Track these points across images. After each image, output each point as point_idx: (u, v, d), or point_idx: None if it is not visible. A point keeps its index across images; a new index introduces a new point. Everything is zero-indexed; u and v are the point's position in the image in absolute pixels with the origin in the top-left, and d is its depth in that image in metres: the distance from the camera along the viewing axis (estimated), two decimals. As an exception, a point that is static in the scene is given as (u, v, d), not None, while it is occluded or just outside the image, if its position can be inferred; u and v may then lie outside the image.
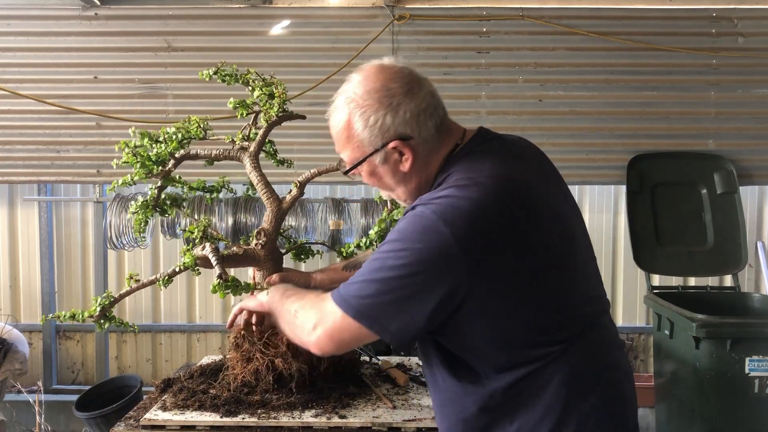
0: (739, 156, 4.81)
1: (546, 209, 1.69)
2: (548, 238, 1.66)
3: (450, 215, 1.55)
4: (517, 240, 1.60)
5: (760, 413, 3.73)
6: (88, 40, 4.83)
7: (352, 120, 1.71)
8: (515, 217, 1.61)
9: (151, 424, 2.07)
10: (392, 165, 1.74)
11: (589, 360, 1.70)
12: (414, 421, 2.10)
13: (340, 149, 1.79)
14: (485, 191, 1.59)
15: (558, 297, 1.68)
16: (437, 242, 1.54)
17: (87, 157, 4.85)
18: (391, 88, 1.69)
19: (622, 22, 4.81)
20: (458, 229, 1.53)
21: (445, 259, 1.54)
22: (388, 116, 1.68)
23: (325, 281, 2.31)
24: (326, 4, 4.88)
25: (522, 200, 1.64)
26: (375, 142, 1.70)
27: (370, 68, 1.75)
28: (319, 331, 1.69)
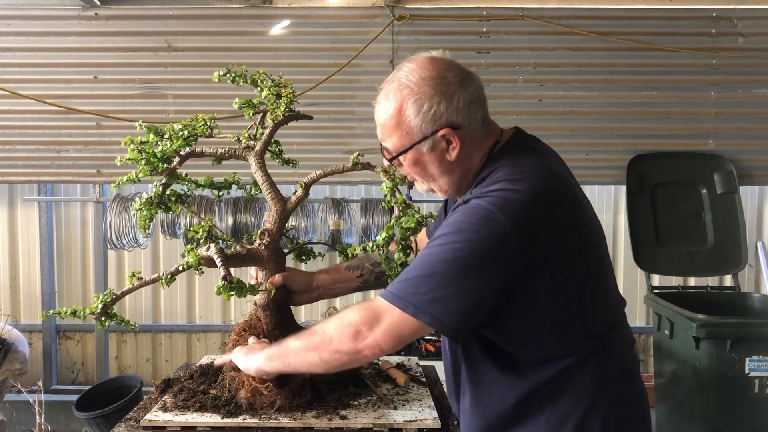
0: (739, 156, 4.82)
1: (587, 207, 1.75)
2: (593, 234, 1.74)
3: (507, 206, 1.57)
4: (569, 233, 1.65)
5: (760, 413, 3.74)
6: (88, 40, 4.83)
7: (404, 106, 1.71)
8: (567, 211, 1.66)
9: (151, 425, 2.06)
10: (439, 153, 1.74)
11: (618, 354, 1.78)
12: (415, 421, 2.10)
13: (386, 136, 1.78)
14: (539, 184, 1.62)
15: (601, 291, 1.75)
16: (496, 232, 1.56)
17: (87, 157, 4.85)
18: (446, 77, 1.71)
19: (622, 22, 4.81)
20: (515, 220, 1.56)
21: (504, 249, 1.56)
22: (443, 103, 1.69)
23: (327, 281, 2.31)
24: (326, 4, 4.88)
25: (570, 196, 1.70)
26: (426, 129, 1.70)
27: (423, 58, 1.77)
28: (378, 332, 1.67)
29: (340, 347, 1.74)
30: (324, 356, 1.78)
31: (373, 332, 1.67)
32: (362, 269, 2.32)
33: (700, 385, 3.79)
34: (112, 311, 2.21)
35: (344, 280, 2.33)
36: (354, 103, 4.81)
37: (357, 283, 2.32)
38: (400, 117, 1.72)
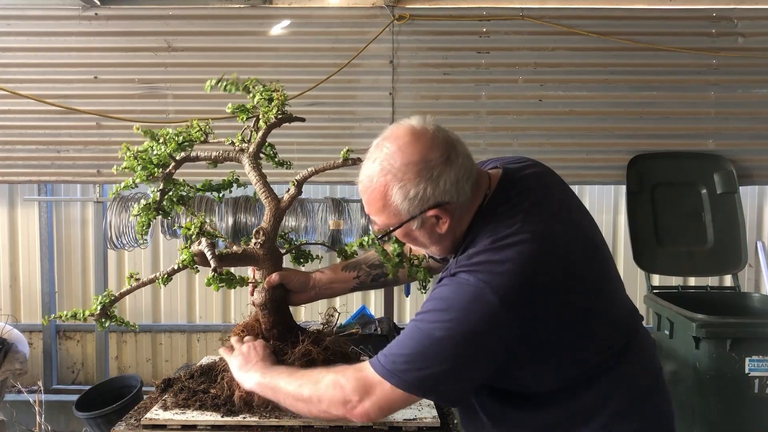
0: (739, 156, 4.81)
1: (578, 248, 1.74)
2: (587, 276, 1.72)
3: (496, 282, 1.58)
4: (560, 290, 1.64)
5: (760, 413, 3.74)
6: (88, 40, 4.83)
7: (390, 192, 1.68)
8: (555, 271, 1.64)
9: (152, 424, 2.07)
10: (428, 228, 1.74)
11: (643, 363, 1.85)
12: (415, 420, 2.10)
13: (372, 213, 1.77)
14: (524, 252, 1.61)
15: (604, 321, 1.75)
16: (487, 312, 1.57)
17: (87, 157, 4.85)
18: (430, 160, 1.65)
19: (622, 22, 4.81)
20: (506, 295, 1.57)
21: (497, 326, 1.59)
22: (429, 188, 1.66)
23: (324, 281, 2.31)
24: (326, 4, 4.88)
25: (557, 252, 1.67)
26: (413, 211, 1.69)
27: (404, 137, 1.69)
28: (367, 404, 1.69)
29: (329, 410, 1.76)
30: (312, 411, 1.81)
31: (363, 404, 1.70)
32: (359, 270, 2.32)
33: (700, 385, 3.79)
34: (111, 312, 2.22)
35: (341, 281, 2.33)
36: (354, 103, 4.81)
37: (354, 284, 2.33)
38: (386, 200, 1.69)
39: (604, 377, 1.74)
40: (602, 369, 1.73)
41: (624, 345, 1.78)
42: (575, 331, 1.68)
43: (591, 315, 1.72)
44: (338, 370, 1.77)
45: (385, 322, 4.49)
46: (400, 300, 5.30)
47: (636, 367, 1.81)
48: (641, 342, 1.86)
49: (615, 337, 1.77)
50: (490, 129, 4.81)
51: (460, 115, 4.83)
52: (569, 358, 1.71)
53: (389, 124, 1.84)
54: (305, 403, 1.80)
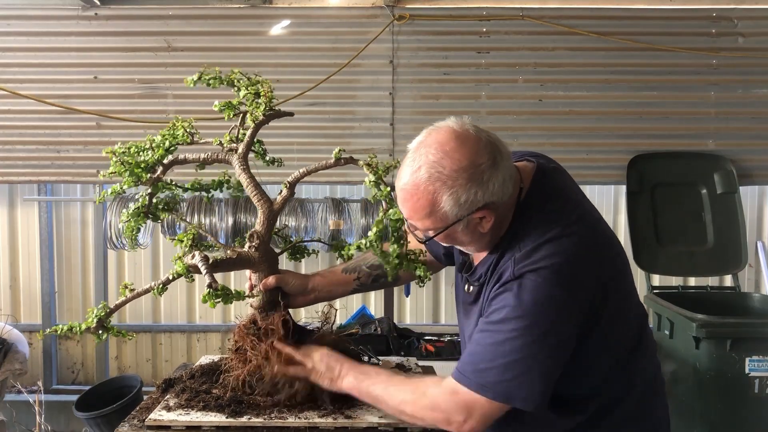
0: (739, 156, 4.82)
1: (618, 246, 1.85)
2: (626, 268, 1.84)
3: (561, 277, 1.64)
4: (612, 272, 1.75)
5: (760, 413, 3.74)
6: (88, 40, 4.83)
7: (440, 198, 1.67)
8: (605, 253, 1.77)
9: (156, 425, 2.06)
10: (472, 227, 1.75)
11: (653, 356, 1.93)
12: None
13: (415, 219, 1.76)
14: (578, 239, 1.70)
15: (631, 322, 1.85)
16: (560, 306, 1.65)
17: (87, 157, 4.84)
18: (480, 165, 1.67)
19: (622, 22, 4.82)
20: (572, 284, 1.65)
21: (570, 318, 1.66)
22: (479, 192, 1.67)
23: (323, 284, 2.30)
24: (326, 4, 4.87)
25: (603, 233, 1.81)
26: (461, 215, 1.70)
27: (449, 142, 1.69)
28: (471, 423, 1.74)
29: (434, 425, 1.84)
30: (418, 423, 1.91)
31: (468, 423, 1.75)
32: (359, 272, 2.32)
33: (700, 385, 3.79)
34: (108, 324, 2.20)
35: (341, 283, 2.33)
36: (354, 103, 4.81)
37: (354, 286, 2.33)
38: (434, 207, 1.69)
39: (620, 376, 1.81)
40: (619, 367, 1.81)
41: (642, 338, 1.87)
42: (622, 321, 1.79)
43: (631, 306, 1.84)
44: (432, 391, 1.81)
45: (385, 322, 4.49)
46: (400, 300, 5.30)
47: (645, 364, 1.88)
48: (650, 339, 1.93)
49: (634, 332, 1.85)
50: (490, 129, 4.77)
51: (460, 115, 4.81)
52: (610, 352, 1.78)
53: (389, 124, 1.84)
54: (409, 418, 1.89)
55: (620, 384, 1.81)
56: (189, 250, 2.17)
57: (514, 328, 1.66)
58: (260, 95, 2.23)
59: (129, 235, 2.34)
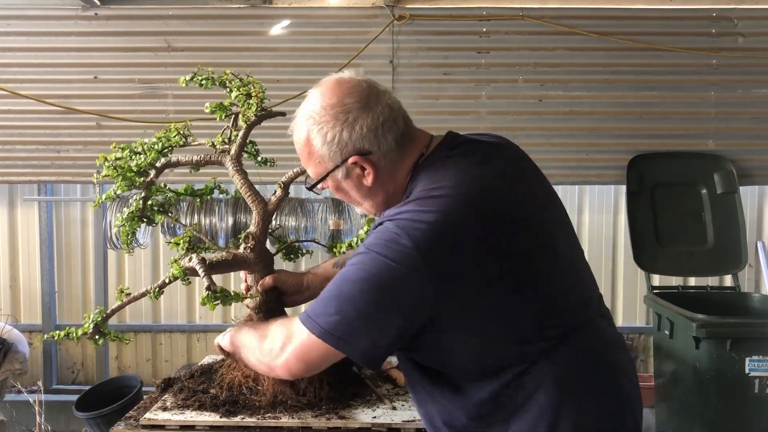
0: (739, 156, 4.81)
1: (516, 213, 1.67)
2: (521, 243, 1.64)
3: (413, 231, 1.53)
4: (484, 250, 1.57)
5: (760, 413, 3.74)
6: (88, 40, 4.83)
7: (311, 136, 1.70)
8: (480, 228, 1.58)
9: (150, 424, 2.07)
10: (355, 180, 1.72)
11: (583, 360, 1.67)
12: (413, 421, 2.10)
13: (305, 165, 1.79)
14: (447, 205, 1.57)
15: (538, 301, 1.64)
16: (401, 257, 1.52)
17: (87, 157, 4.84)
18: (346, 104, 1.67)
19: (622, 22, 4.81)
20: (422, 245, 1.51)
21: (410, 274, 1.52)
22: (345, 131, 1.66)
23: (316, 281, 2.29)
24: (326, 4, 4.88)
25: (486, 209, 1.60)
26: (335, 158, 1.69)
27: (328, 83, 1.74)
28: (287, 352, 1.69)
29: (266, 361, 1.80)
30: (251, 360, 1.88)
31: (285, 353, 1.70)
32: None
33: (700, 385, 3.79)
34: (104, 329, 2.21)
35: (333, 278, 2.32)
36: (354, 103, 4.80)
37: None
38: (310, 147, 1.71)
39: (534, 375, 1.62)
40: (530, 364, 1.62)
41: (561, 337, 1.65)
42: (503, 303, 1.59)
43: (520, 291, 1.62)
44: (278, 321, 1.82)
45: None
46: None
47: (570, 363, 1.65)
48: (588, 337, 1.71)
49: (552, 325, 1.65)
50: (490, 129, 4.79)
51: (460, 115, 4.83)
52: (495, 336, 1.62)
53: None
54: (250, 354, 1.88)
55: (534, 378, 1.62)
56: (186, 253, 2.18)
57: (352, 263, 1.59)
58: (251, 96, 2.23)
59: (125, 240, 2.35)
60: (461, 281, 1.54)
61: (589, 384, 1.66)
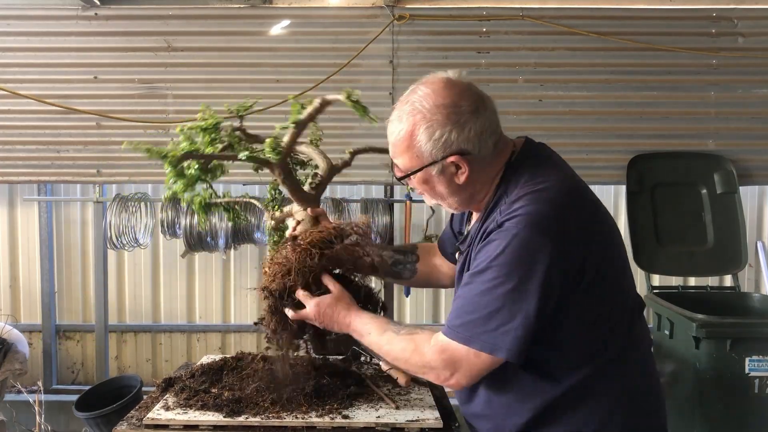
0: (739, 156, 4.82)
1: (604, 209, 1.84)
2: (616, 236, 1.83)
3: (539, 224, 1.65)
4: (597, 235, 1.75)
5: (760, 413, 3.74)
6: (88, 40, 4.82)
7: (416, 131, 1.77)
8: (591, 215, 1.77)
9: (154, 424, 2.07)
10: (448, 176, 1.82)
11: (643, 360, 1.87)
12: (417, 421, 2.10)
13: (396, 155, 1.86)
14: (562, 193, 1.72)
15: (625, 292, 1.83)
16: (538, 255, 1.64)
17: (87, 157, 4.84)
18: (460, 106, 1.75)
19: (622, 22, 4.81)
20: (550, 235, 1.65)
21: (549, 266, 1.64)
22: (454, 132, 1.75)
23: None
24: (326, 4, 4.87)
25: (591, 199, 1.81)
26: (436, 154, 1.77)
27: (439, 82, 1.79)
28: (458, 377, 1.75)
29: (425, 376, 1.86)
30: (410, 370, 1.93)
31: (455, 377, 1.76)
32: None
33: (700, 385, 3.79)
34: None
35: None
36: (354, 103, 4.79)
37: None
38: (411, 140, 1.78)
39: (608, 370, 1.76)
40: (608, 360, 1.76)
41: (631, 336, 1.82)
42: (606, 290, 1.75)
43: (624, 273, 1.82)
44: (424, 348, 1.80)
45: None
46: (400, 300, 5.30)
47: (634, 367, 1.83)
48: (643, 338, 1.89)
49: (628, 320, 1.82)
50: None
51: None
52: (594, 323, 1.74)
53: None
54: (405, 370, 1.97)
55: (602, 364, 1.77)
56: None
57: (494, 276, 1.67)
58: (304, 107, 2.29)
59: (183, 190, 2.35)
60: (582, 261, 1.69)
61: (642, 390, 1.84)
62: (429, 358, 1.77)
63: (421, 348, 1.79)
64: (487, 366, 1.72)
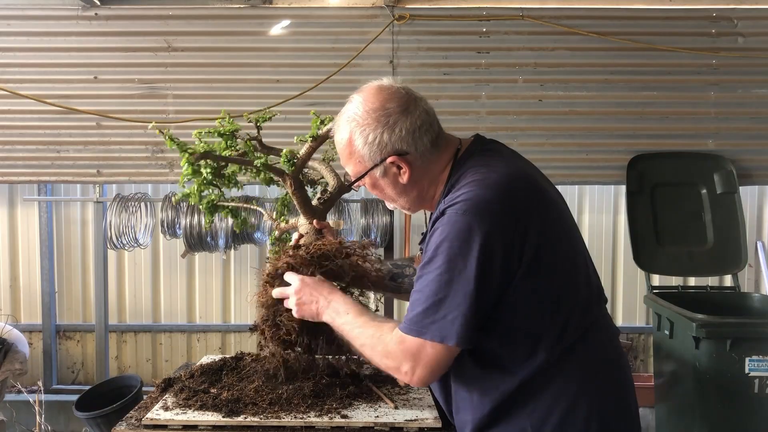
0: (739, 156, 4.81)
1: (557, 201, 1.86)
2: (560, 221, 1.83)
3: (480, 211, 1.67)
4: (541, 224, 1.74)
5: (760, 413, 3.74)
6: (88, 40, 4.83)
7: (353, 137, 1.85)
8: (536, 204, 1.76)
9: (153, 424, 2.07)
10: (392, 178, 1.89)
11: (600, 346, 1.84)
12: (416, 421, 2.10)
13: (345, 164, 1.94)
14: (502, 177, 1.74)
15: (578, 283, 1.82)
16: (477, 237, 1.66)
17: (87, 157, 4.84)
18: (387, 108, 1.84)
19: (622, 22, 4.81)
20: (490, 221, 1.67)
21: (490, 250, 1.66)
22: (386, 134, 1.82)
23: None
24: (326, 4, 4.87)
25: (534, 185, 1.81)
26: (374, 157, 1.85)
27: (370, 89, 1.90)
28: (419, 371, 1.74)
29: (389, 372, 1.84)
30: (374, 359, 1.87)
31: (416, 372, 1.75)
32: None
33: (700, 385, 3.79)
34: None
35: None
36: (354, 103, 4.79)
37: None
38: (352, 147, 1.87)
39: (567, 360, 1.76)
40: (565, 350, 1.76)
41: (590, 326, 1.82)
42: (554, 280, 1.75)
43: (573, 263, 1.81)
44: (386, 337, 1.80)
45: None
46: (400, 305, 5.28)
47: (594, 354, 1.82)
48: (605, 328, 1.89)
49: (585, 310, 1.81)
50: (490, 129, 4.79)
51: (460, 115, 4.83)
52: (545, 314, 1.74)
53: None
54: (370, 360, 1.88)
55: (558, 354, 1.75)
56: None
57: (439, 265, 1.70)
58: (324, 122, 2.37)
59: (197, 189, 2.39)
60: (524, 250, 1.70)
61: (604, 371, 1.82)
62: (390, 348, 1.77)
63: (385, 337, 1.80)
64: (443, 356, 1.72)
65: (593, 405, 1.75)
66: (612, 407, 1.80)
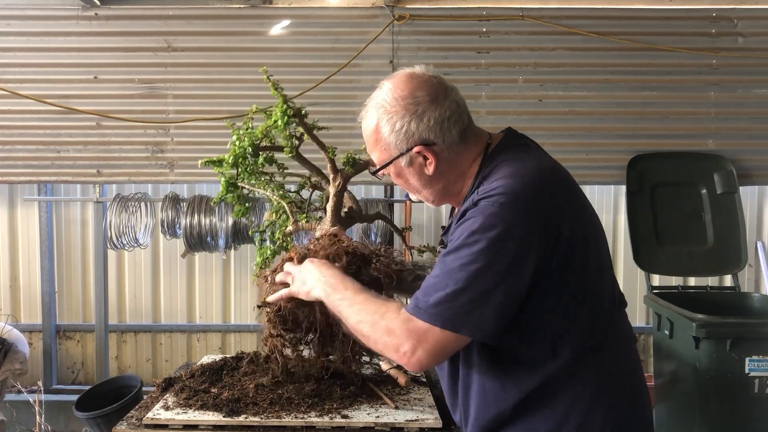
0: (739, 156, 4.82)
1: (583, 197, 1.82)
2: (591, 221, 1.80)
3: (514, 204, 1.64)
4: (575, 222, 1.71)
5: (760, 413, 3.74)
6: (88, 40, 4.83)
7: (380, 124, 1.81)
8: (571, 201, 1.74)
9: (153, 423, 2.07)
10: (417, 168, 1.84)
11: (620, 350, 1.82)
12: (417, 421, 2.10)
13: (370, 151, 1.90)
14: (537, 171, 1.72)
15: (604, 285, 1.79)
16: (511, 233, 1.62)
17: (87, 157, 4.85)
18: (417, 96, 1.79)
19: (622, 22, 4.82)
20: (524, 215, 1.63)
21: (522, 245, 1.62)
22: (413, 122, 1.77)
23: None
24: (326, 4, 4.88)
25: (568, 183, 1.79)
26: (400, 146, 1.80)
27: (401, 76, 1.84)
28: (420, 353, 1.69)
29: (384, 352, 1.78)
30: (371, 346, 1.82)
31: (416, 354, 1.69)
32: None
33: (700, 385, 3.79)
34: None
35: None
36: (354, 103, 4.77)
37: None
38: (378, 134, 1.82)
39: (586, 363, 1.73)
40: (585, 352, 1.73)
41: (611, 329, 1.80)
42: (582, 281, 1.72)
43: (601, 264, 1.78)
44: (390, 315, 1.75)
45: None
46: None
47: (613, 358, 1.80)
48: (624, 332, 1.87)
49: (608, 313, 1.80)
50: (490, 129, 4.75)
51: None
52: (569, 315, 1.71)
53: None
54: (365, 339, 1.82)
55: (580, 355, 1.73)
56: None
57: (466, 254, 1.64)
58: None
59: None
60: (557, 248, 1.66)
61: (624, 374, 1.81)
62: (394, 325, 1.72)
63: (389, 315, 1.75)
64: (450, 343, 1.68)
65: (610, 411, 1.74)
66: (628, 415, 1.78)
